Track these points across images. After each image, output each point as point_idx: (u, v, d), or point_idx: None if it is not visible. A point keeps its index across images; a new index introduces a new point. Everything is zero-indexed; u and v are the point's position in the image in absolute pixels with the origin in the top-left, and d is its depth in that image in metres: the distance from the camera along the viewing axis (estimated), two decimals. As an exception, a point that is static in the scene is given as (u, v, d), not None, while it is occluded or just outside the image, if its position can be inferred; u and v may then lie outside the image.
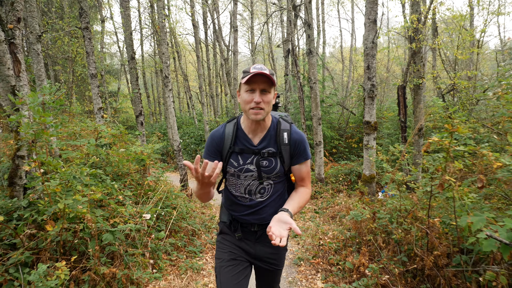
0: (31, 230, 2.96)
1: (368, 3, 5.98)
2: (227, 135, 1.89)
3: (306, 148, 1.91)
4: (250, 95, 1.73)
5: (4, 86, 3.45)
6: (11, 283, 2.72)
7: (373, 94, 6.22)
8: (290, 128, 1.91)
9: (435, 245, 3.16)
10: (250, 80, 1.70)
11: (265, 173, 1.87)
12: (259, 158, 1.85)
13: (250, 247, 1.96)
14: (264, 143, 1.86)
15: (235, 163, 1.88)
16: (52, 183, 2.74)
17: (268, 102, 1.75)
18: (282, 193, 1.99)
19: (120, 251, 3.07)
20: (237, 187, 1.94)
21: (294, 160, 1.91)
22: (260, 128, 1.86)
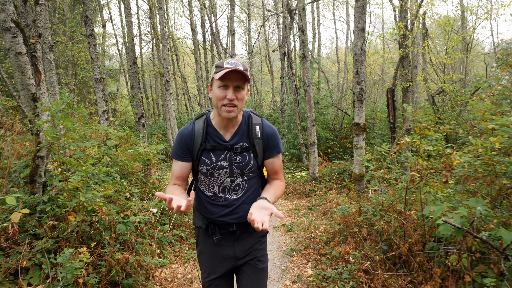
0: (53, 222, 3.35)
1: (356, 12, 6.40)
2: (197, 133, 1.83)
3: (279, 142, 1.92)
4: (223, 91, 1.68)
5: (25, 93, 3.84)
6: (37, 268, 3.12)
7: (362, 98, 6.64)
8: (262, 122, 1.90)
9: (410, 234, 3.57)
10: (224, 76, 1.65)
11: (239, 169, 1.84)
12: (232, 153, 1.82)
13: (229, 250, 1.92)
14: (236, 138, 1.84)
15: (207, 160, 1.83)
16: (74, 180, 3.13)
17: (242, 99, 1.72)
18: (257, 189, 1.97)
19: (131, 240, 3.47)
20: (210, 187, 1.88)
21: (267, 153, 1.91)
22: (231, 124, 1.83)
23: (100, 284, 3.06)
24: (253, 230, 1.93)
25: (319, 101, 13.25)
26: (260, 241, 1.99)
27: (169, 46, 17.86)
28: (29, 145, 5.02)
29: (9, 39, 3.72)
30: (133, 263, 3.24)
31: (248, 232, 1.93)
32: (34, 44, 3.63)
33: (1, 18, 3.67)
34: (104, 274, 3.10)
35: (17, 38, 3.74)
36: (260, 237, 1.99)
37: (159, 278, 3.74)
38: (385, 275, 3.48)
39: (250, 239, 1.94)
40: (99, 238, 3.37)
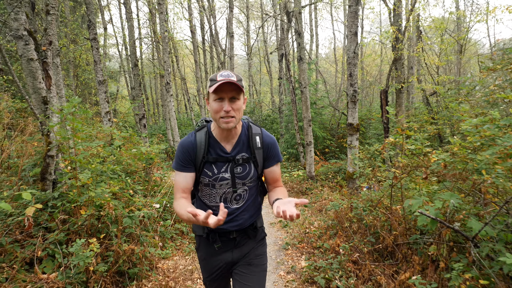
0: (64, 216, 3.62)
1: (349, 18, 6.67)
2: (199, 144, 1.85)
3: (278, 151, 1.97)
4: (219, 104, 1.71)
5: (36, 97, 4.10)
6: (50, 259, 3.38)
7: (355, 99, 6.91)
8: (262, 132, 1.94)
9: (395, 227, 3.85)
10: (218, 89, 1.68)
11: (240, 179, 1.88)
12: (234, 165, 1.86)
13: (228, 256, 1.97)
14: (237, 149, 1.87)
15: (209, 172, 1.86)
16: (84, 177, 3.40)
17: (238, 109, 1.74)
18: (256, 197, 2.02)
19: (136, 233, 3.74)
20: (212, 197, 1.92)
21: (267, 163, 1.95)
22: (231, 135, 1.86)
23: (108, 272, 3.32)
24: (253, 235, 1.99)
25: (316, 102, 13.54)
26: (259, 244, 2.04)
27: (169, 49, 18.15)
28: (37, 145, 5.27)
29: (22, 46, 3.98)
30: (138, 254, 3.51)
31: (247, 237, 1.98)
32: (45, 51, 3.90)
33: (14, 27, 3.94)
34: (112, 263, 3.37)
35: (28, 45, 4.00)
36: (259, 241, 2.04)
37: (162, 269, 4.01)
38: (372, 265, 3.75)
39: (249, 244, 1.99)
40: (107, 231, 3.64)
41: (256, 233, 2.01)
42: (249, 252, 1.98)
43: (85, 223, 3.54)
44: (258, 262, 1.98)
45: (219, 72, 1.76)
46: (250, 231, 1.97)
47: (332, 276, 3.76)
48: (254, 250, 1.99)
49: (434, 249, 3.20)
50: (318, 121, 13.76)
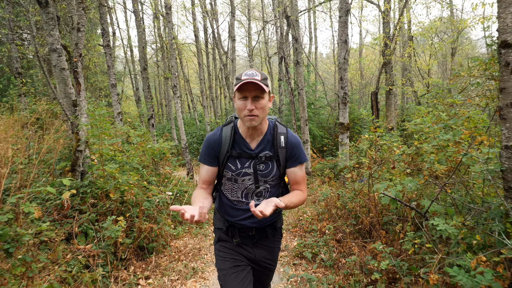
0: (93, 200, 4.34)
1: (340, 27, 7.36)
2: (224, 139, 1.91)
3: (302, 152, 1.95)
4: (243, 102, 1.75)
5: (67, 100, 4.82)
6: (82, 235, 4.10)
7: (346, 100, 7.60)
8: (287, 132, 1.94)
9: (372, 210, 4.55)
10: (242, 87, 1.72)
11: (262, 177, 1.90)
12: (256, 162, 1.88)
13: (249, 252, 2.00)
14: (261, 147, 1.90)
15: (232, 167, 1.90)
16: (111, 168, 4.11)
17: (262, 108, 1.77)
18: (277, 196, 2.01)
19: (154, 215, 4.46)
20: (234, 192, 1.96)
21: (289, 163, 1.94)
22: (257, 133, 1.89)
23: (132, 245, 4.04)
24: (271, 235, 2.03)
25: (314, 102, 14.22)
26: (277, 247, 2.11)
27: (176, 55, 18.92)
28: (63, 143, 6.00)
29: (56, 58, 4.71)
30: (156, 231, 4.23)
31: (266, 237, 2.01)
32: (76, 62, 4.61)
33: (50, 41, 4.66)
34: (135, 238, 4.09)
35: (61, 56, 4.73)
36: (277, 241, 2.10)
37: (174, 246, 4.73)
38: (352, 242, 4.45)
39: (268, 243, 2.04)
40: (130, 213, 4.36)
41: (274, 233, 2.04)
42: (269, 257, 2.05)
43: (112, 206, 4.25)
44: (270, 264, 2.09)
45: (245, 71, 1.79)
46: (269, 230, 2.00)
47: (318, 251, 4.47)
48: (270, 254, 2.06)
49: (400, 226, 3.90)
50: (316, 120, 14.43)
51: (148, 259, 4.17)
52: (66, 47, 4.45)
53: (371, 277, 3.27)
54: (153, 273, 3.97)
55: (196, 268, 4.18)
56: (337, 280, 3.56)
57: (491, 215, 2.66)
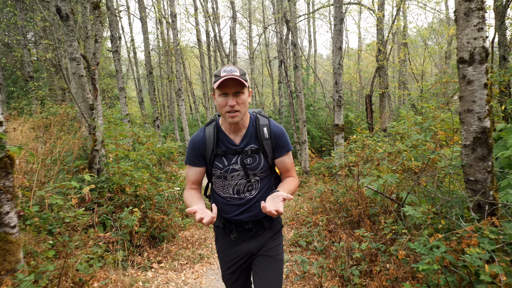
0: (110, 194, 4.85)
1: (335, 35, 7.86)
2: (208, 138, 1.92)
3: (287, 141, 1.98)
4: (224, 99, 1.76)
5: (85, 104, 5.33)
6: (101, 226, 4.60)
7: (340, 103, 8.10)
8: (269, 123, 1.96)
9: (360, 203, 5.04)
10: (222, 84, 1.73)
11: (251, 170, 1.92)
12: (243, 156, 1.90)
13: (246, 247, 2.01)
14: (245, 141, 1.92)
15: (220, 165, 1.92)
16: (127, 164, 4.62)
17: (243, 103, 1.79)
18: (270, 187, 2.05)
19: (164, 207, 4.96)
20: (225, 188, 1.97)
21: (276, 153, 1.97)
22: (239, 128, 1.91)
23: (145, 233, 4.55)
24: (268, 226, 2.02)
25: (312, 104, 14.71)
26: (276, 236, 2.07)
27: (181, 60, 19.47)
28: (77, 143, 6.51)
29: (75, 66, 5.22)
30: (166, 221, 4.73)
31: (263, 228, 2.01)
32: (94, 70, 5.12)
33: (69, 51, 5.17)
34: (148, 227, 4.59)
35: (80, 65, 5.24)
36: (275, 233, 2.07)
37: (182, 236, 5.23)
38: (342, 231, 4.94)
39: (266, 235, 2.03)
40: (143, 205, 4.86)
41: (271, 224, 2.03)
42: (266, 242, 2.02)
43: (126, 199, 4.76)
44: (274, 253, 2.01)
45: (222, 68, 1.80)
46: (266, 222, 2.00)
47: (311, 240, 4.96)
48: (271, 242, 2.03)
49: (383, 217, 4.39)
50: (315, 122, 14.92)
51: (160, 246, 4.68)
52: (85, 56, 4.95)
53: (355, 259, 3.77)
54: (164, 258, 4.48)
55: (202, 254, 4.68)
56: (326, 263, 4.05)
57: (453, 203, 3.16)
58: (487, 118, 3.01)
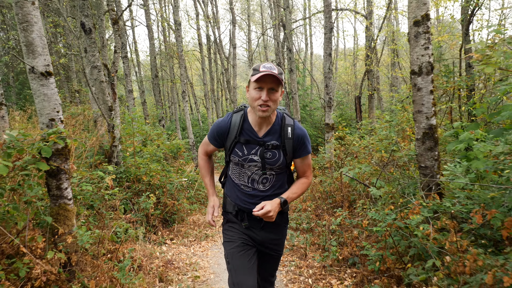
0: (128, 183, 5.66)
1: (325, 42, 8.67)
2: (233, 126, 1.99)
3: (308, 143, 2.03)
4: (258, 92, 1.82)
5: (104, 106, 6.14)
6: (121, 209, 5.41)
7: (331, 104, 8.90)
8: (294, 124, 2.01)
9: (342, 190, 5.85)
10: (259, 79, 1.79)
11: (269, 165, 1.97)
12: (264, 149, 1.95)
13: (256, 234, 2.08)
14: (269, 136, 1.97)
15: (239, 152, 1.98)
16: (144, 157, 5.42)
17: (275, 100, 1.85)
18: (283, 183, 2.10)
19: (174, 194, 5.78)
20: (240, 176, 2.05)
21: (296, 153, 2.02)
22: (265, 123, 1.97)
23: (159, 216, 5.36)
24: (278, 219, 2.05)
25: (308, 105, 15.54)
26: (283, 232, 2.18)
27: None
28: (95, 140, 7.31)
29: (96, 73, 6.03)
30: (177, 206, 5.55)
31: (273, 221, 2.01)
32: (113, 77, 5.93)
33: (92, 60, 5.98)
34: (162, 211, 5.41)
35: (100, 72, 6.05)
36: (283, 225, 2.17)
37: (190, 220, 6.04)
38: (326, 214, 5.76)
39: (275, 227, 2.10)
40: (157, 193, 5.67)
41: (281, 217, 2.09)
42: (275, 240, 2.13)
43: (142, 187, 5.58)
44: (277, 251, 2.18)
45: (262, 63, 1.87)
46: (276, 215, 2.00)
47: (301, 222, 5.78)
48: (276, 239, 2.14)
49: (362, 201, 5.21)
50: (310, 121, 15.74)
51: (171, 227, 5.50)
52: (106, 65, 5.77)
53: (332, 232, 4.59)
54: (176, 236, 5.29)
55: (207, 234, 5.50)
56: (311, 238, 4.87)
57: (409, 185, 3.98)
58: (434, 117, 3.82)
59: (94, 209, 4.04)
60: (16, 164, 2.83)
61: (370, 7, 9.87)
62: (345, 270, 3.88)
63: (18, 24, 2.91)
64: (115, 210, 5.19)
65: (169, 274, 3.92)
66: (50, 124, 3.08)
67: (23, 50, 2.98)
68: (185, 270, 4.18)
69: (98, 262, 3.34)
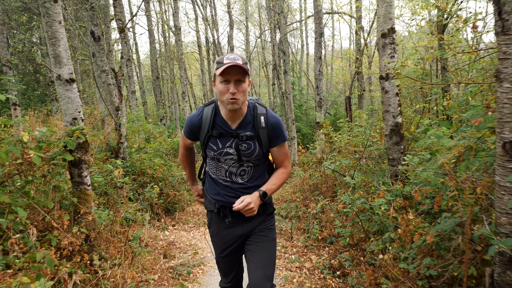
0: (134, 176, 6.27)
1: (315, 46, 9.29)
2: (205, 119, 1.95)
3: (283, 131, 1.99)
4: (225, 86, 1.79)
5: (112, 107, 6.75)
6: (130, 196, 6.02)
7: (321, 104, 9.53)
8: (266, 112, 1.96)
9: (327, 181, 6.47)
10: (224, 71, 1.75)
11: (245, 157, 1.94)
12: (238, 141, 1.92)
13: (239, 230, 2.05)
14: (242, 128, 1.94)
15: (214, 146, 1.96)
16: (148, 152, 6.04)
17: (243, 91, 1.81)
18: (262, 174, 2.08)
19: (176, 186, 6.40)
20: (218, 171, 2.02)
21: (272, 142, 1.98)
22: (237, 115, 1.93)
23: (162, 205, 5.98)
24: (261, 210, 2.03)
25: (302, 104, 16.17)
26: (268, 218, 2.11)
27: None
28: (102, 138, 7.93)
29: (104, 76, 6.64)
30: (178, 196, 6.17)
31: (257, 213, 1.97)
32: (120, 80, 6.55)
33: (100, 65, 6.59)
34: (165, 200, 6.03)
35: (108, 75, 6.66)
36: (267, 215, 2.11)
37: (190, 210, 6.66)
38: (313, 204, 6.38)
39: (258, 218, 2.06)
40: (160, 184, 6.29)
41: (264, 208, 2.06)
42: (259, 224, 2.06)
43: (146, 180, 6.20)
44: (267, 233, 2.07)
45: (225, 55, 1.82)
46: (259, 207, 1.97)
47: (290, 211, 6.40)
48: (264, 223, 2.08)
49: (342, 190, 5.83)
50: (305, 120, 16.38)
51: (173, 215, 6.12)
52: (114, 69, 6.39)
53: (316, 218, 5.21)
54: (177, 223, 5.92)
55: (205, 221, 6.12)
56: (297, 224, 5.49)
57: (379, 175, 4.60)
58: (399, 116, 4.44)
59: (108, 195, 4.63)
60: (47, 155, 3.44)
61: (359, 12, 10.48)
62: (324, 248, 4.51)
63: (48, 40, 3.52)
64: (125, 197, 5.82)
65: (172, 251, 4.54)
66: (73, 122, 3.69)
67: (51, 61, 3.59)
68: (186, 249, 4.80)
69: (112, 238, 3.96)
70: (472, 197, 2.29)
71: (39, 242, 3.20)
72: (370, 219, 3.94)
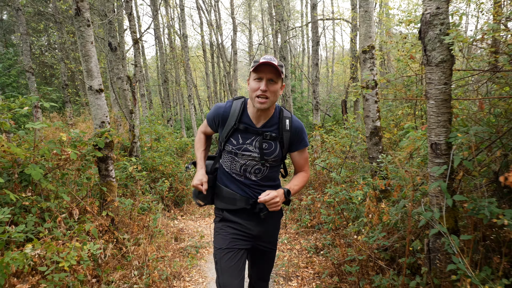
0: (147, 172, 7.02)
1: (312, 53, 10.00)
2: (233, 112, 1.96)
3: (305, 136, 2.05)
4: (257, 83, 1.82)
5: (126, 110, 7.51)
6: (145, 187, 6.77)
7: (318, 107, 10.24)
8: (291, 117, 2.02)
9: (320, 178, 7.19)
10: (258, 69, 1.79)
11: (265, 156, 1.95)
12: (261, 139, 1.93)
13: (253, 228, 2.02)
14: (266, 127, 1.96)
15: (234, 141, 1.96)
16: (160, 149, 6.79)
17: (274, 92, 1.83)
18: (276, 176, 2.11)
19: (184, 181, 7.15)
20: (232, 165, 2.01)
21: (293, 146, 2.03)
22: (264, 116, 1.95)
23: (172, 198, 6.73)
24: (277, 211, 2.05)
25: (302, 106, 16.87)
26: (278, 225, 2.20)
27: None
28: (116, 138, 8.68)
29: (120, 83, 7.40)
30: (186, 190, 6.92)
31: (268, 212, 1.97)
32: (134, 86, 7.31)
33: (116, 72, 7.35)
34: (174, 194, 6.77)
35: (123, 82, 7.42)
36: (277, 217, 2.17)
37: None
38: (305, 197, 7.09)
39: (272, 223, 2.11)
40: (170, 179, 7.03)
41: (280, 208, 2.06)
42: (266, 231, 2.07)
43: (157, 176, 6.95)
44: (272, 246, 2.15)
45: (263, 55, 1.92)
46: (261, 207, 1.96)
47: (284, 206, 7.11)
48: (271, 231, 2.12)
49: (330, 184, 6.54)
50: (305, 122, 17.05)
51: (181, 207, 6.87)
52: (129, 77, 7.15)
53: (308, 209, 5.93)
54: (185, 214, 6.66)
55: (211, 213, 6.86)
56: (291, 214, 6.21)
57: (362, 171, 5.32)
58: (378, 120, 5.16)
59: (127, 187, 5.38)
60: (81, 152, 4.19)
61: (354, 21, 11.18)
62: (312, 234, 5.23)
63: (82, 57, 4.27)
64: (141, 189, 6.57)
65: (182, 236, 5.29)
66: (102, 125, 4.44)
67: (84, 74, 4.34)
68: (193, 235, 5.55)
69: (132, 222, 4.70)
70: (414, 185, 3.01)
71: (76, 223, 3.95)
72: (351, 209, 4.65)
